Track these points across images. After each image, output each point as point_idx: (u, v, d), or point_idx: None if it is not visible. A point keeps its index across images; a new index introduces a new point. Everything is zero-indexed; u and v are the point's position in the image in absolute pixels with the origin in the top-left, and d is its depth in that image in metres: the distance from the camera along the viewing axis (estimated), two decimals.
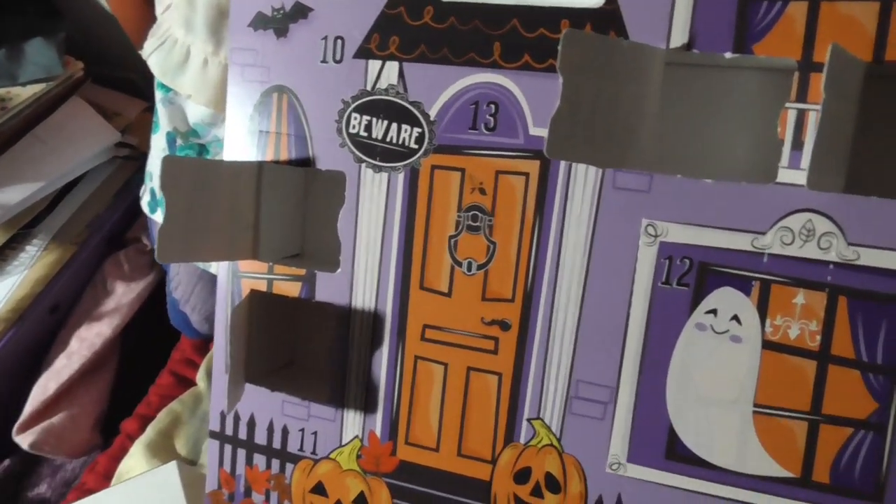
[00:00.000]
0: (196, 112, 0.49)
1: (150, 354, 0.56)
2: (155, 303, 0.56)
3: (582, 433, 0.33)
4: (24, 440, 0.51)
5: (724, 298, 0.30)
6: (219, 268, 0.39)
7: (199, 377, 0.53)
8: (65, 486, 0.52)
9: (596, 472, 0.33)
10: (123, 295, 0.56)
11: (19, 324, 0.52)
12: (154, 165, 0.52)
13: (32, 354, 0.54)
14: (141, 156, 0.59)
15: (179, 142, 0.49)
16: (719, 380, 0.31)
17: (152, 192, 0.53)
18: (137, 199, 0.55)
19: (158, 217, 0.53)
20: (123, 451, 0.50)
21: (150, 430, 0.50)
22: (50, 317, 0.55)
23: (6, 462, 0.54)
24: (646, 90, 0.31)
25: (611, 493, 0.33)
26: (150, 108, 0.63)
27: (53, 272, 0.54)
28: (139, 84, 0.64)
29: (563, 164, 0.32)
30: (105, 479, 0.49)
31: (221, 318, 0.39)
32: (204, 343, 0.55)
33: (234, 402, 0.37)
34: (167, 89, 0.50)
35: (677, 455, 0.32)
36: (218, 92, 0.47)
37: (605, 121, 0.30)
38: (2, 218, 0.52)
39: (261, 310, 0.37)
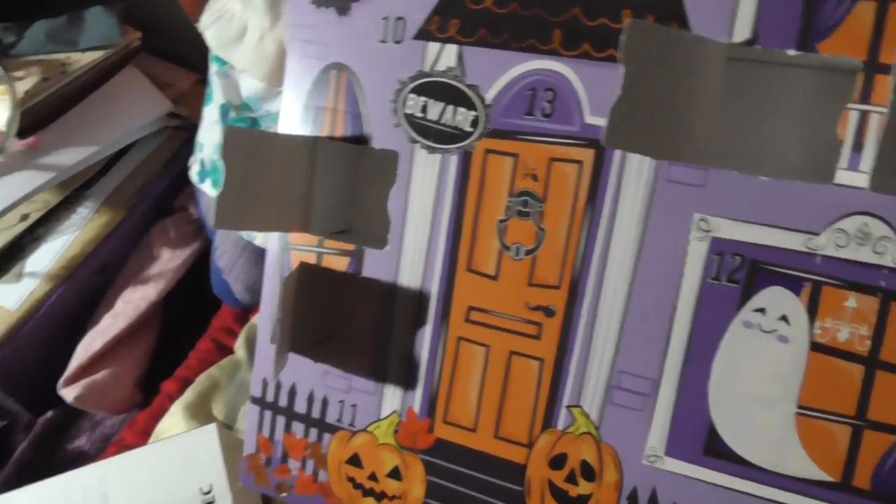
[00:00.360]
0: (250, 86, 0.49)
1: (191, 320, 0.57)
2: (198, 271, 0.57)
3: (621, 423, 0.33)
4: (68, 394, 0.53)
5: (774, 297, 0.30)
6: (269, 239, 0.39)
7: (238, 346, 0.54)
8: (104, 441, 0.54)
9: (632, 464, 0.33)
10: (169, 261, 0.57)
11: (69, 281, 0.54)
12: (205, 136, 0.53)
13: (80, 312, 0.55)
14: (191, 127, 0.60)
15: (232, 114, 0.50)
16: (763, 379, 0.31)
17: (201, 163, 0.54)
18: (186, 168, 0.56)
19: (206, 187, 0.54)
20: (163, 411, 0.52)
21: (190, 392, 0.51)
22: (98, 277, 0.56)
23: (49, 413, 0.56)
24: (705, 84, 0.31)
25: (646, 485, 0.33)
26: (202, 81, 0.64)
27: (103, 234, 0.56)
28: (192, 57, 0.65)
29: (617, 154, 0.32)
30: (144, 436, 0.51)
31: (269, 287, 0.40)
32: (244, 313, 0.56)
33: (279, 370, 0.37)
34: (222, 62, 0.50)
35: (716, 451, 0.32)
36: (272, 67, 0.47)
37: (664, 112, 0.30)
38: (57, 179, 0.54)
39: (308, 282, 0.37)
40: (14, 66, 0.56)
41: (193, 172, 0.54)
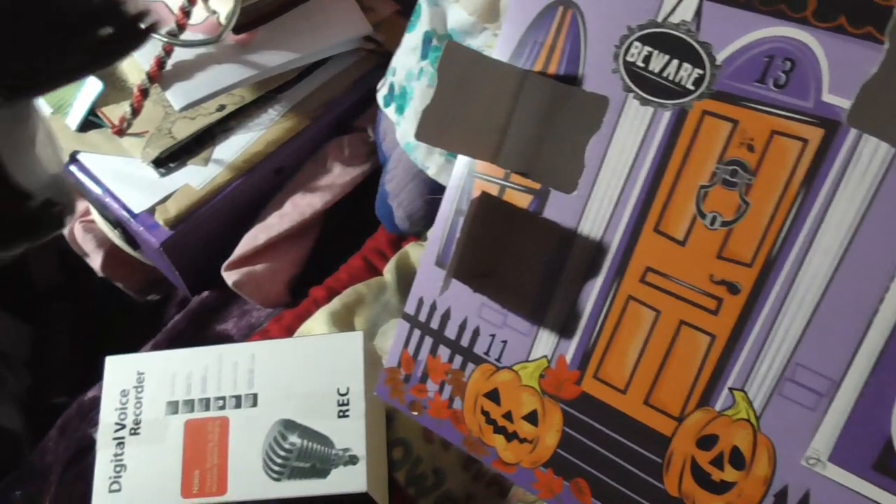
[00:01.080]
0: (457, 18, 0.50)
1: (348, 237, 0.59)
2: (364, 191, 0.59)
3: (786, 418, 0.32)
4: (229, 277, 0.56)
5: None
6: (457, 163, 0.40)
7: (388, 270, 0.56)
8: (249, 330, 0.57)
9: (789, 462, 0.31)
10: (339, 176, 0.59)
11: (248, 175, 0.57)
12: (400, 61, 0.55)
13: (251, 206, 0.59)
14: (383, 53, 0.62)
15: (434, 42, 0.51)
16: None
17: (391, 87, 0.55)
18: (372, 91, 0.58)
19: (390, 111, 0.55)
20: (308, 314, 0.54)
21: (337, 302, 0.53)
22: (274, 177, 0.59)
23: (206, 293, 0.60)
24: None
25: (799, 486, 0.31)
26: (400, 13, 0.66)
27: (286, 138, 0.59)
28: None
29: (850, 138, 0.30)
30: (287, 333, 0.54)
31: (446, 208, 0.40)
32: (398, 239, 0.58)
33: (444, 291, 0.38)
34: None
35: (888, 469, 0.30)
36: (483, 2, 0.48)
37: None
38: (257, 77, 0.57)
39: (487, 212, 0.38)
40: None
41: (380, 95, 0.56)
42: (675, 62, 0.34)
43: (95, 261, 0.64)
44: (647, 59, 0.34)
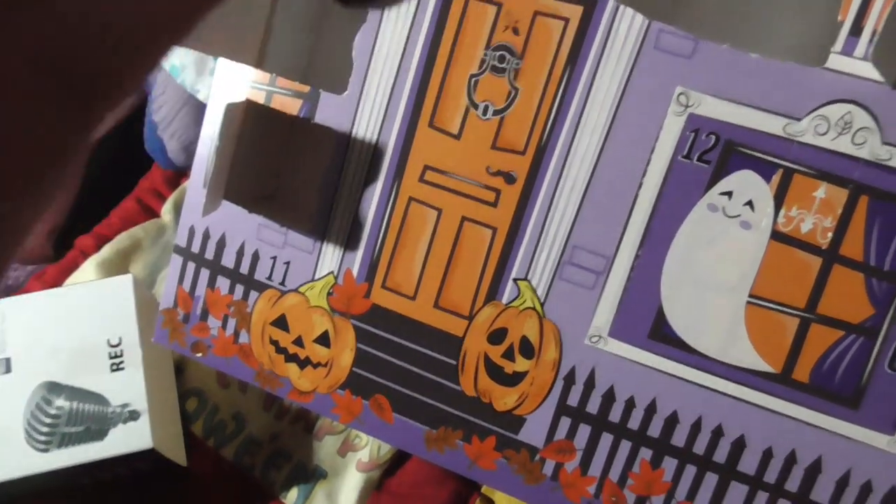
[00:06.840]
0: None
1: (117, 178, 0.53)
2: (130, 127, 0.53)
3: (567, 300, 0.32)
4: None
5: (743, 182, 0.29)
6: (217, 68, 0.36)
7: (166, 209, 0.50)
8: (5, 293, 0.50)
9: (574, 343, 0.32)
10: None
11: None
12: None
13: None
14: None
15: None
16: (720, 265, 0.30)
17: None
18: None
19: None
20: (75, 266, 0.48)
21: (107, 249, 0.48)
22: None
23: None
24: None
25: (585, 365, 0.32)
26: None
27: None
28: None
29: (607, 13, 0.30)
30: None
31: (211, 122, 0.36)
32: (175, 176, 0.52)
33: (210, 210, 0.34)
34: None
35: (661, 336, 0.31)
36: None
37: None
38: None
39: (254, 123, 0.34)
40: None
41: None
42: None
43: None
44: None
